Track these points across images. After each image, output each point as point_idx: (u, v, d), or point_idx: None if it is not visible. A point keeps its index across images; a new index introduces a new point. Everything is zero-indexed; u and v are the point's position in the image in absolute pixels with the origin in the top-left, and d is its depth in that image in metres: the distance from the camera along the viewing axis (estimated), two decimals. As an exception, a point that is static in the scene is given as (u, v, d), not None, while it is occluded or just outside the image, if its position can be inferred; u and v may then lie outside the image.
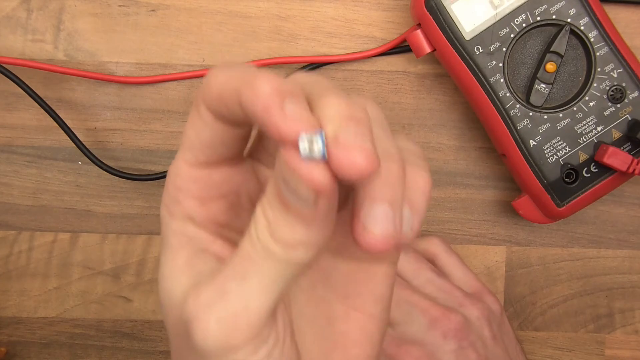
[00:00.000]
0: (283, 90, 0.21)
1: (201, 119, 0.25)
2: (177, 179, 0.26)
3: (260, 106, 0.21)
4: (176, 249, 0.26)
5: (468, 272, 0.45)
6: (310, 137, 0.20)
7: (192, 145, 0.25)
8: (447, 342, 0.40)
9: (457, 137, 0.46)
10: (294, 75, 0.25)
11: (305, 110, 0.21)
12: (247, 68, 0.23)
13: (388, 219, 0.22)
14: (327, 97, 0.22)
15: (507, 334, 0.44)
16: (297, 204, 0.21)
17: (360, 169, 0.20)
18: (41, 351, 0.47)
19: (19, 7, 0.45)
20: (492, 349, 0.42)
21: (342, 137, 0.21)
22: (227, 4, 0.45)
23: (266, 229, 0.22)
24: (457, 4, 0.41)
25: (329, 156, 0.21)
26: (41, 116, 0.45)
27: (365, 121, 0.22)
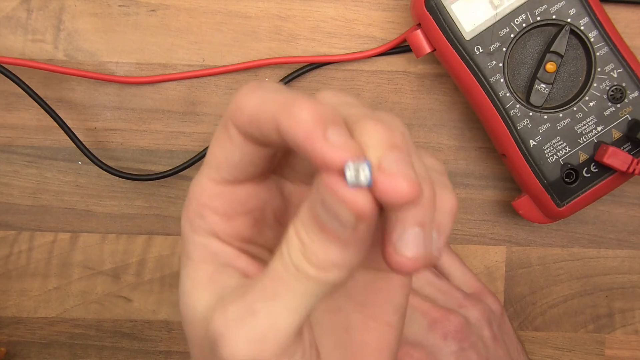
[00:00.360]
0: (324, 118, 0.21)
1: (230, 139, 0.24)
2: (201, 195, 0.26)
3: (302, 135, 0.21)
4: (199, 263, 0.26)
5: (468, 273, 0.45)
6: (357, 165, 0.21)
7: (219, 165, 0.25)
8: (447, 343, 0.40)
9: (457, 137, 0.46)
10: (324, 94, 0.25)
11: (349, 138, 0.21)
12: (282, 91, 0.23)
13: (419, 242, 0.22)
14: (365, 123, 0.22)
15: (507, 334, 0.44)
16: (336, 227, 0.22)
17: (405, 196, 0.21)
18: (41, 351, 0.47)
19: (19, 7, 0.45)
20: (493, 350, 0.42)
21: (386, 165, 0.21)
22: (227, 4, 0.45)
23: (299, 250, 0.22)
24: (457, 4, 0.41)
25: (374, 183, 0.21)
26: (41, 116, 0.45)
27: (404, 147, 0.22)
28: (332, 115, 0.22)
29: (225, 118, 0.25)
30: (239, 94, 0.24)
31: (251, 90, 0.24)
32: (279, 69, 0.45)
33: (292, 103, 0.22)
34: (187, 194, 0.26)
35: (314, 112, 0.21)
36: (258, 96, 0.23)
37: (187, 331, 0.26)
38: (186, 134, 0.46)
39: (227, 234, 0.26)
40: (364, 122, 0.22)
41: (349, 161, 0.21)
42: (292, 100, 0.22)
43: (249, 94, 0.24)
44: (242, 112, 0.24)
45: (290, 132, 0.21)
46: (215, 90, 0.45)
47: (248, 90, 0.24)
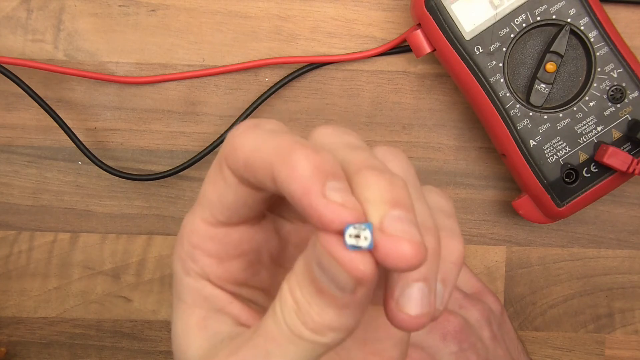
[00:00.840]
0: (324, 169, 0.20)
1: (224, 180, 0.23)
2: (193, 236, 0.25)
3: (299, 188, 0.20)
4: (190, 306, 0.25)
5: (468, 272, 0.45)
6: (357, 227, 0.19)
7: (212, 205, 0.24)
8: (447, 344, 0.40)
9: (457, 137, 0.46)
10: (323, 133, 0.23)
11: (349, 197, 0.20)
12: (280, 134, 0.22)
13: (423, 298, 0.21)
14: (366, 174, 0.21)
15: (508, 334, 0.44)
16: (333, 290, 0.20)
17: (408, 260, 0.19)
18: (41, 351, 0.47)
19: (19, 7, 0.45)
20: (492, 350, 0.41)
21: (389, 227, 0.20)
22: (227, 4, 0.45)
23: (294, 311, 0.21)
24: (457, 4, 0.41)
25: (375, 247, 0.20)
26: (41, 116, 0.45)
27: (409, 204, 0.20)
28: (332, 165, 0.20)
29: (219, 158, 0.23)
30: (234, 134, 0.23)
31: (247, 131, 0.22)
32: (279, 69, 0.45)
33: (289, 151, 0.20)
34: (179, 232, 0.25)
35: (312, 163, 0.20)
36: (254, 138, 0.22)
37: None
38: (186, 134, 0.46)
39: (219, 278, 0.25)
40: (365, 174, 0.21)
41: (348, 223, 0.19)
42: (290, 147, 0.20)
43: (245, 135, 0.22)
44: (236, 154, 0.22)
45: (286, 184, 0.20)
46: (215, 90, 0.45)
47: (244, 130, 0.22)
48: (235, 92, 0.45)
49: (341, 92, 0.46)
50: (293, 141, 0.21)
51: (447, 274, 0.23)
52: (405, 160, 0.24)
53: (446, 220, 0.24)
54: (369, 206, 0.20)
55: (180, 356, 0.25)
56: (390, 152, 0.24)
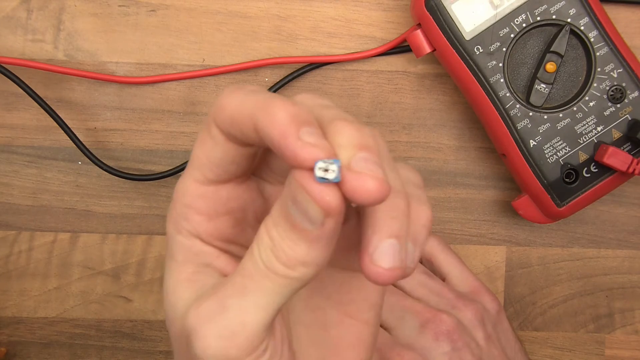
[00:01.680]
0: (299, 118, 0.22)
1: (212, 139, 0.25)
2: (185, 196, 0.27)
3: (277, 133, 0.22)
4: (181, 263, 0.27)
5: (466, 271, 0.45)
6: (326, 163, 0.22)
7: (202, 164, 0.26)
8: (439, 344, 0.40)
9: (457, 137, 0.46)
10: (301, 97, 0.26)
11: (321, 138, 0.22)
12: (261, 92, 0.24)
13: (395, 254, 0.23)
14: (338, 123, 0.23)
15: (504, 333, 0.44)
16: (305, 224, 0.22)
17: (373, 194, 0.21)
18: (41, 351, 0.47)
19: (19, 7, 0.45)
20: (486, 350, 0.41)
21: (356, 164, 0.22)
22: (227, 4, 0.45)
23: (269, 248, 0.23)
24: (457, 4, 0.41)
25: (342, 181, 0.22)
26: (41, 116, 0.45)
27: (375, 149, 0.23)
28: (306, 115, 0.23)
29: (207, 119, 0.25)
30: (221, 95, 0.25)
31: (232, 91, 0.25)
32: (279, 69, 0.45)
33: (269, 103, 0.23)
34: (173, 196, 0.27)
35: (289, 112, 0.22)
36: (238, 96, 0.24)
37: (169, 328, 0.27)
38: (186, 134, 0.46)
39: (209, 234, 0.27)
40: (336, 123, 0.23)
41: (319, 159, 0.22)
42: (270, 100, 0.23)
43: (230, 95, 0.25)
44: (223, 112, 0.24)
45: (267, 131, 0.22)
46: (215, 90, 0.45)
47: (229, 91, 0.25)
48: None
49: (341, 92, 0.46)
50: (272, 95, 0.23)
51: (417, 235, 0.25)
52: (379, 135, 0.26)
53: (415, 189, 0.26)
54: (339, 149, 0.22)
55: (170, 310, 0.27)
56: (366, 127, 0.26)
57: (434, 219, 0.47)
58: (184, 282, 0.27)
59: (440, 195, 0.47)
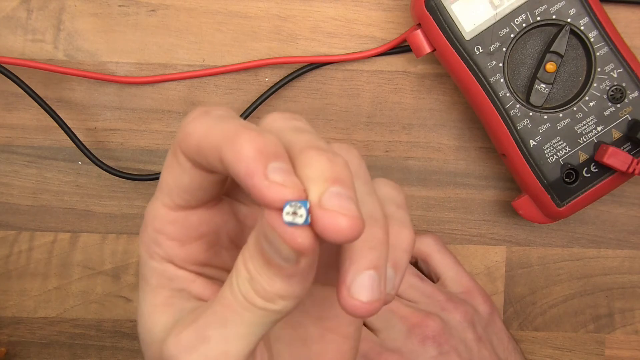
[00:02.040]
0: (266, 152, 0.21)
1: (179, 165, 0.25)
2: (155, 221, 0.26)
3: (243, 170, 0.21)
4: (155, 287, 0.27)
5: (461, 272, 0.45)
6: (294, 205, 0.21)
7: (170, 190, 0.25)
8: (426, 348, 0.40)
9: (457, 137, 0.46)
10: (272, 117, 0.24)
11: (289, 176, 0.21)
12: (229, 119, 0.23)
13: (374, 286, 0.22)
14: (308, 153, 0.22)
15: (497, 334, 0.44)
16: (279, 261, 0.22)
17: (345, 233, 0.21)
18: (41, 351, 0.47)
19: (19, 7, 0.45)
20: (476, 352, 0.41)
21: (326, 202, 0.21)
22: (227, 4, 0.45)
23: (247, 280, 0.23)
24: (457, 4, 0.41)
25: (313, 221, 0.21)
26: (41, 116, 0.45)
27: (348, 182, 0.22)
28: (274, 147, 0.22)
29: (173, 144, 0.25)
30: (186, 120, 0.24)
31: (198, 117, 0.24)
32: (279, 69, 0.45)
33: (235, 135, 0.22)
34: (144, 219, 0.27)
35: (255, 145, 0.21)
36: (204, 124, 0.23)
37: (144, 352, 0.27)
38: (186, 134, 0.46)
39: (181, 259, 0.27)
40: (306, 152, 0.22)
41: (288, 200, 0.21)
42: (236, 131, 0.22)
43: (196, 121, 0.24)
44: (188, 139, 0.24)
45: (232, 166, 0.21)
46: (215, 90, 0.45)
47: (195, 116, 0.24)
48: (235, 92, 0.45)
49: (341, 92, 0.46)
50: (239, 125, 0.22)
51: (398, 260, 0.24)
52: (356, 155, 0.25)
53: (397, 210, 0.25)
54: (309, 183, 0.21)
55: (146, 335, 0.26)
56: (342, 147, 0.25)
57: (434, 219, 0.47)
58: (159, 306, 0.26)
59: (440, 195, 0.47)
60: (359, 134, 0.46)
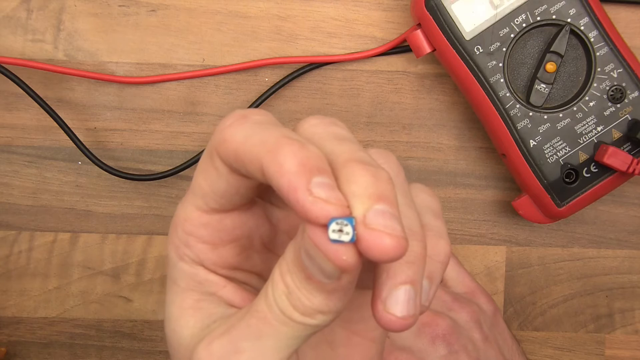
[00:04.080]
0: (309, 166, 0.21)
1: (216, 170, 0.24)
2: (186, 223, 0.26)
3: (286, 184, 0.20)
4: (185, 290, 0.26)
5: (463, 272, 0.45)
6: (340, 222, 0.20)
7: (205, 194, 0.25)
8: (435, 347, 0.40)
9: (457, 137, 0.46)
10: (313, 122, 0.24)
11: (333, 192, 0.21)
12: (268, 127, 0.22)
13: (410, 301, 0.22)
14: (352, 167, 0.21)
15: (501, 334, 0.44)
16: (320, 277, 0.21)
17: (390, 253, 0.20)
18: (41, 351, 0.47)
19: (19, 7, 0.45)
20: (483, 351, 0.41)
21: (372, 221, 0.20)
22: (227, 4, 0.45)
23: (285, 294, 0.22)
24: (457, 4, 0.41)
25: (358, 239, 0.20)
26: (41, 116, 0.45)
27: (392, 199, 0.21)
28: (317, 161, 0.21)
29: (210, 148, 0.24)
30: (224, 125, 0.23)
31: (236, 122, 0.23)
32: (279, 69, 0.45)
33: (276, 147, 0.21)
34: (173, 220, 0.26)
35: (298, 159, 0.21)
36: (243, 131, 0.23)
37: (172, 355, 0.27)
38: (186, 134, 0.46)
39: (213, 263, 0.26)
40: (350, 168, 0.21)
41: (333, 217, 0.20)
42: (277, 143, 0.21)
43: (234, 127, 0.23)
44: (227, 146, 0.23)
45: (275, 180, 0.21)
46: (215, 90, 0.45)
47: (233, 121, 0.23)
48: (235, 92, 0.45)
49: (341, 92, 0.46)
50: (280, 135, 0.21)
51: (434, 272, 0.24)
52: (395, 162, 0.24)
53: (434, 220, 0.25)
54: (353, 200, 0.21)
55: (174, 338, 0.26)
56: (381, 154, 0.25)
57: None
58: (188, 309, 0.26)
59: (440, 195, 0.47)
60: (359, 134, 0.46)
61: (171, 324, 0.26)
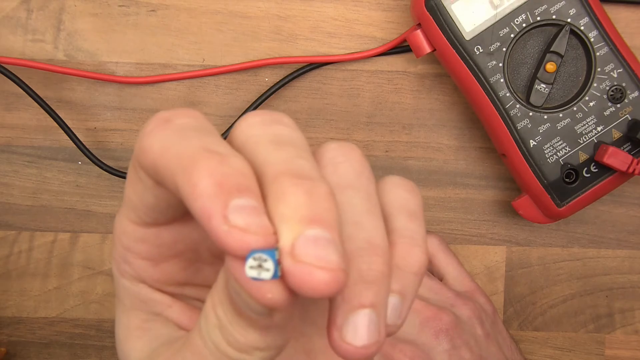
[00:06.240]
0: (228, 187, 0.17)
1: (141, 181, 0.21)
2: (123, 237, 0.23)
3: (200, 210, 0.17)
4: (130, 309, 0.24)
5: (463, 272, 0.45)
6: (258, 257, 0.17)
7: (135, 207, 0.22)
8: (439, 341, 0.40)
9: (457, 137, 0.46)
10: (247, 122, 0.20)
11: (254, 217, 0.17)
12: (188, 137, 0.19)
13: (371, 328, 0.19)
14: (282, 183, 0.18)
15: (501, 332, 0.44)
16: (250, 313, 0.18)
17: (322, 290, 0.17)
18: (41, 351, 0.47)
19: (19, 7, 0.45)
20: (485, 347, 0.42)
21: (300, 251, 0.17)
22: (227, 4, 0.45)
23: (217, 328, 0.20)
24: (457, 4, 0.41)
25: (283, 274, 0.17)
26: (41, 116, 0.45)
27: (331, 220, 0.18)
28: (239, 179, 0.18)
29: (133, 157, 0.21)
30: (143, 132, 0.20)
31: (156, 128, 0.20)
32: (279, 69, 0.45)
33: (191, 162, 0.18)
34: (113, 230, 0.23)
35: (215, 178, 0.17)
36: (162, 140, 0.19)
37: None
38: (186, 134, 0.46)
39: (155, 280, 0.23)
40: (280, 183, 0.18)
41: (252, 249, 0.17)
42: (193, 157, 0.18)
43: (153, 134, 0.20)
44: (145, 157, 0.20)
45: (188, 202, 0.18)
46: (215, 90, 0.45)
47: (153, 127, 0.20)
48: (235, 92, 0.45)
49: (341, 92, 0.46)
50: (199, 148, 0.18)
51: (407, 286, 0.20)
52: (357, 158, 0.21)
53: (408, 222, 0.21)
54: (281, 225, 0.18)
55: (123, 358, 0.24)
56: (341, 152, 0.21)
57: (434, 219, 0.47)
58: (135, 330, 0.23)
59: (440, 195, 0.47)
60: (359, 134, 0.46)
61: (120, 344, 0.24)
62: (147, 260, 0.23)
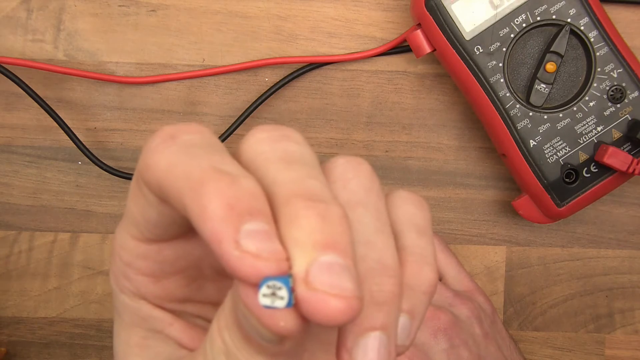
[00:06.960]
0: (239, 210, 0.17)
1: (144, 197, 0.20)
2: (123, 252, 0.22)
3: (209, 233, 0.17)
4: (129, 326, 0.23)
5: (462, 272, 0.45)
6: (272, 285, 0.17)
7: (137, 222, 0.21)
8: (437, 341, 0.40)
9: (457, 137, 0.46)
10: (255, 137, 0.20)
11: (267, 242, 0.17)
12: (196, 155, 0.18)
13: (382, 350, 0.18)
14: (295, 206, 0.18)
15: (500, 332, 0.44)
16: (259, 340, 0.18)
17: (337, 318, 0.17)
18: (41, 351, 0.47)
19: (19, 7, 0.45)
20: (484, 347, 0.42)
21: (315, 279, 0.17)
22: (227, 4, 0.45)
23: (223, 353, 0.19)
24: (457, 4, 0.41)
25: (297, 302, 0.17)
26: (41, 116, 0.45)
27: (344, 245, 0.17)
28: (251, 201, 0.17)
29: (136, 172, 0.20)
30: (148, 148, 0.19)
31: (161, 145, 0.19)
32: (279, 69, 0.45)
33: (200, 184, 0.17)
34: (112, 244, 0.23)
35: (225, 201, 0.17)
36: (168, 157, 0.19)
37: None
38: (186, 134, 0.46)
39: (156, 297, 0.23)
40: (293, 206, 0.18)
41: (265, 276, 0.17)
42: (201, 177, 0.17)
43: (158, 151, 0.19)
44: (150, 174, 0.19)
45: (197, 225, 0.17)
46: (215, 90, 0.45)
47: (158, 143, 0.19)
48: (235, 92, 0.45)
49: (341, 92, 0.46)
50: (208, 167, 0.18)
51: (416, 306, 0.20)
52: (366, 175, 0.20)
53: (418, 239, 0.21)
54: (294, 250, 0.17)
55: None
56: (350, 168, 0.20)
57: (434, 219, 0.47)
58: (134, 347, 0.23)
59: (440, 195, 0.47)
60: (359, 134, 0.46)
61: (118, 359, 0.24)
62: (148, 276, 0.22)
